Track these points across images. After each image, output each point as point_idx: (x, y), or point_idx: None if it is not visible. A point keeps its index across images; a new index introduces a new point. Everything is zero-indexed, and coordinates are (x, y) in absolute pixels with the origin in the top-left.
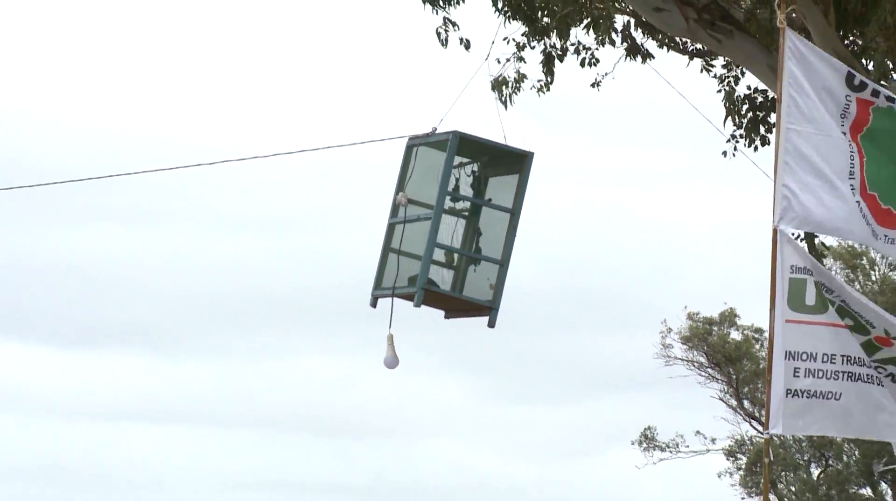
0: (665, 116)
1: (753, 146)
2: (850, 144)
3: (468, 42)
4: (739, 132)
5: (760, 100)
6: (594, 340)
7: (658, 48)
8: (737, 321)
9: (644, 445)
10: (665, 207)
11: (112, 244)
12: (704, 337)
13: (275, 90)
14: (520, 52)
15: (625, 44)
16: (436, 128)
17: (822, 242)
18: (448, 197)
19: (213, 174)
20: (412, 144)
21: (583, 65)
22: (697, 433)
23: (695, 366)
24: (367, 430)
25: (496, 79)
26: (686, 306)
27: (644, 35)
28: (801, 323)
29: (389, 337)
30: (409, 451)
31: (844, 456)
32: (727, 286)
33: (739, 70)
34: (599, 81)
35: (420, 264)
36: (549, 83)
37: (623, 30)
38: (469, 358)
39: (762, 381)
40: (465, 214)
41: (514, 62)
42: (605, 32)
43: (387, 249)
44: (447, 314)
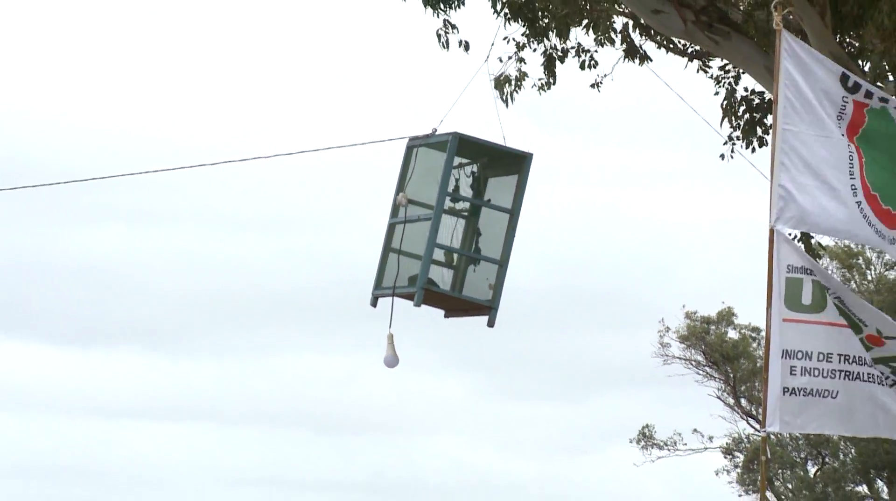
0: (664, 117)
1: (751, 148)
2: (849, 145)
3: (467, 44)
4: (736, 135)
5: (757, 101)
6: (593, 338)
7: (656, 49)
8: (734, 320)
9: (642, 443)
10: (663, 207)
11: (114, 244)
12: (702, 336)
13: (276, 91)
14: (520, 53)
15: (624, 45)
16: (436, 129)
17: (819, 242)
18: (448, 197)
19: (215, 174)
20: (412, 145)
21: (582, 67)
22: (695, 431)
23: (692, 365)
24: (368, 427)
25: (498, 77)
26: (684, 306)
27: (642, 37)
28: (798, 322)
29: (389, 336)
30: (410, 448)
31: (841, 454)
32: (725, 286)
33: (737, 72)
34: (599, 82)
35: (420, 264)
36: (552, 83)
37: (622, 30)
38: (469, 356)
39: (759, 379)
40: (465, 214)
41: (516, 61)
42: (605, 32)
43: (387, 249)
44: (447, 313)
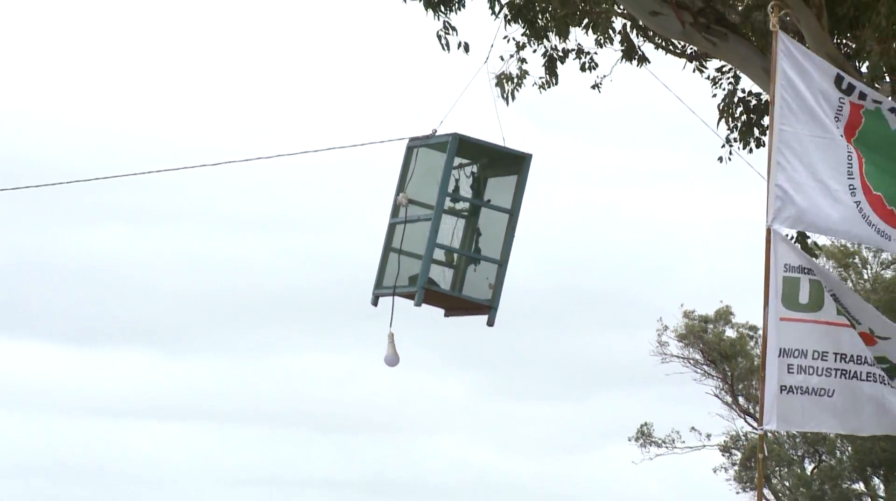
0: (663, 118)
1: (748, 148)
2: (848, 146)
3: (467, 45)
4: (734, 137)
5: (754, 103)
6: (592, 338)
7: (654, 51)
8: (732, 318)
9: (641, 441)
10: (662, 207)
11: (115, 243)
12: (700, 335)
13: (277, 92)
14: (519, 52)
15: (622, 45)
16: (436, 130)
17: (815, 241)
18: (448, 198)
19: (216, 175)
20: (413, 146)
21: (583, 69)
22: (693, 430)
23: (690, 363)
24: (368, 426)
25: (499, 75)
26: (682, 305)
27: (639, 37)
28: (795, 321)
29: (390, 335)
30: (410, 447)
31: (838, 452)
32: (723, 285)
33: (733, 73)
34: (599, 83)
35: (420, 264)
36: (554, 83)
37: (621, 30)
38: (469, 355)
39: (757, 378)
40: (465, 214)
41: (517, 60)
42: (604, 32)
43: (387, 248)
44: (447, 312)
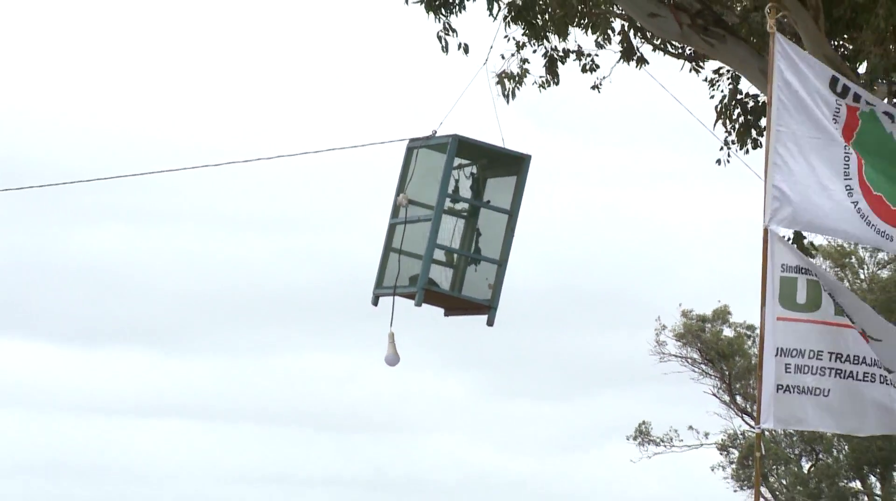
0: (662, 119)
1: (745, 149)
2: (845, 146)
3: (467, 47)
4: (732, 139)
5: (752, 104)
6: (591, 337)
7: (652, 52)
8: (729, 318)
9: (639, 439)
10: (660, 207)
11: (116, 244)
12: (698, 334)
13: (278, 93)
14: (520, 52)
15: (621, 46)
16: (436, 131)
17: (811, 241)
18: (448, 198)
19: (216, 175)
20: (413, 147)
21: (584, 70)
22: (691, 428)
23: (688, 362)
24: (368, 425)
25: (500, 73)
26: (680, 304)
27: (636, 37)
28: (792, 321)
29: (390, 335)
30: (410, 446)
31: (834, 451)
32: (722, 285)
33: (731, 75)
34: (599, 84)
35: (420, 264)
36: (555, 82)
37: (620, 31)
38: (468, 355)
39: (754, 377)
40: (465, 214)
41: (518, 59)
42: (603, 32)
43: (388, 249)
44: (446, 312)
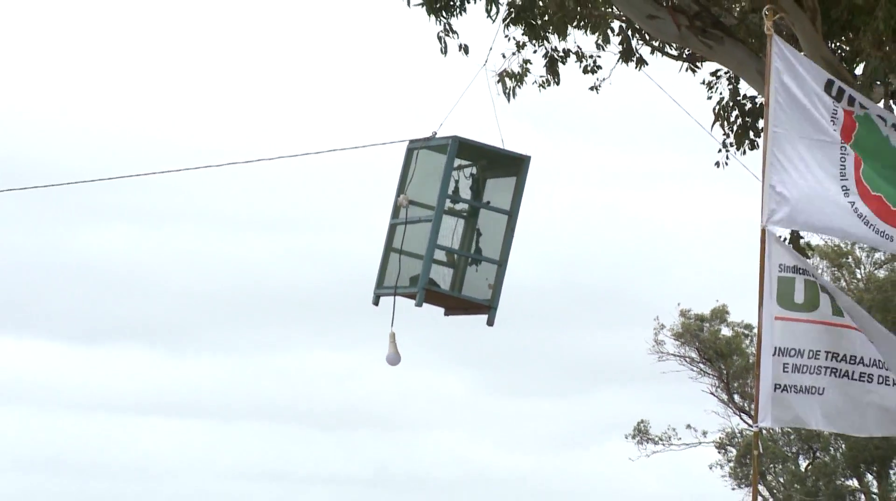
0: (661, 120)
1: (742, 150)
2: (843, 148)
3: (467, 48)
4: (730, 141)
5: (749, 106)
6: (590, 336)
7: (650, 54)
8: (727, 317)
9: (637, 438)
10: (659, 207)
11: (118, 243)
12: (696, 333)
13: (279, 94)
14: (520, 52)
15: (620, 46)
16: (436, 132)
17: (808, 241)
18: (448, 199)
19: (218, 175)
20: (413, 148)
21: (585, 72)
22: (689, 427)
23: (687, 361)
24: (370, 423)
25: (501, 72)
26: (679, 304)
27: (635, 37)
28: (790, 320)
29: (391, 335)
30: (411, 444)
31: (831, 449)
32: (721, 285)
33: (728, 76)
34: (598, 85)
35: (421, 264)
36: (555, 82)
37: (620, 32)
38: (469, 354)
39: (752, 376)
40: (465, 215)
41: (519, 58)
42: (602, 32)
43: (388, 249)
44: (447, 311)
